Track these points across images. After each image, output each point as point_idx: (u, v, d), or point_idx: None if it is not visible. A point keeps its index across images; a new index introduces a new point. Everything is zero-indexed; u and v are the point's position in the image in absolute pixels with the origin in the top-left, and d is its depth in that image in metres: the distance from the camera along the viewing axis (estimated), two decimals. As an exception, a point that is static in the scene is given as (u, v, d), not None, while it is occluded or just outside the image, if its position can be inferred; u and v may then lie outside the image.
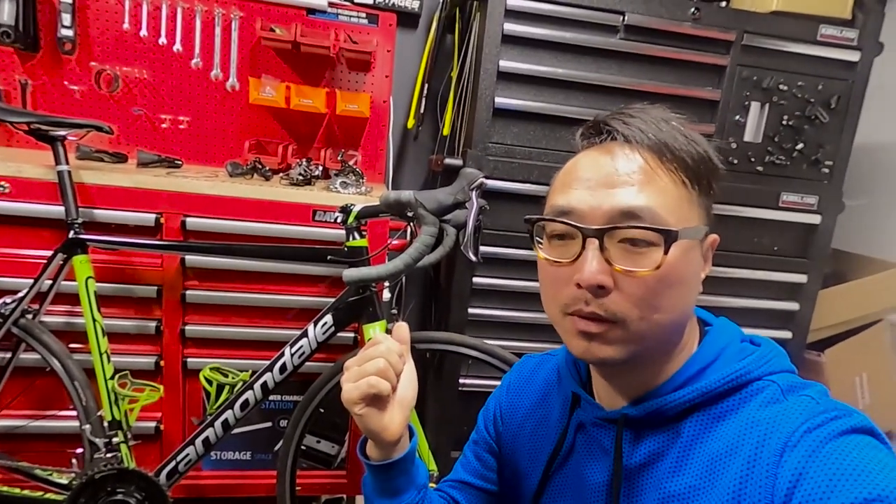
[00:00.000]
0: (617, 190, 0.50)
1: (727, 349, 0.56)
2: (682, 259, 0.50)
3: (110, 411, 1.25)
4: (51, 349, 1.25)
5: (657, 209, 0.49)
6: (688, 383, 0.54)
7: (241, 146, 1.72)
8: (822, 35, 1.61)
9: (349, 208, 1.17)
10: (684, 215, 0.51)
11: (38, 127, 1.23)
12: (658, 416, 0.54)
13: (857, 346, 1.94)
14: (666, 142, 0.52)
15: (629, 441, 0.56)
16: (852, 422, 0.46)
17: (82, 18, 1.60)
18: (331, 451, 1.55)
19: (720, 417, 0.52)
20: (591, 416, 0.60)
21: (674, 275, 0.50)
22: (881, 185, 2.09)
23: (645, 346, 0.52)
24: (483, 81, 1.54)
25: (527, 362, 0.77)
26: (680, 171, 0.52)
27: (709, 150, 0.54)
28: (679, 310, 0.52)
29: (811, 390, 0.51)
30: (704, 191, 0.54)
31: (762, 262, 1.74)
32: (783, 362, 0.55)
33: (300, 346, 1.21)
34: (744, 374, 0.52)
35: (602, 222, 0.50)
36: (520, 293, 1.64)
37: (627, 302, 0.50)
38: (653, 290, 0.49)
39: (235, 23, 1.66)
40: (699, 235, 0.53)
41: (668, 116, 0.55)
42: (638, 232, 0.49)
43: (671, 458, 0.53)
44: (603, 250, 0.50)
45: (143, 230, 1.32)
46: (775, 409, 0.49)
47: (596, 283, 0.50)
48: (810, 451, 0.44)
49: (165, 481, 1.25)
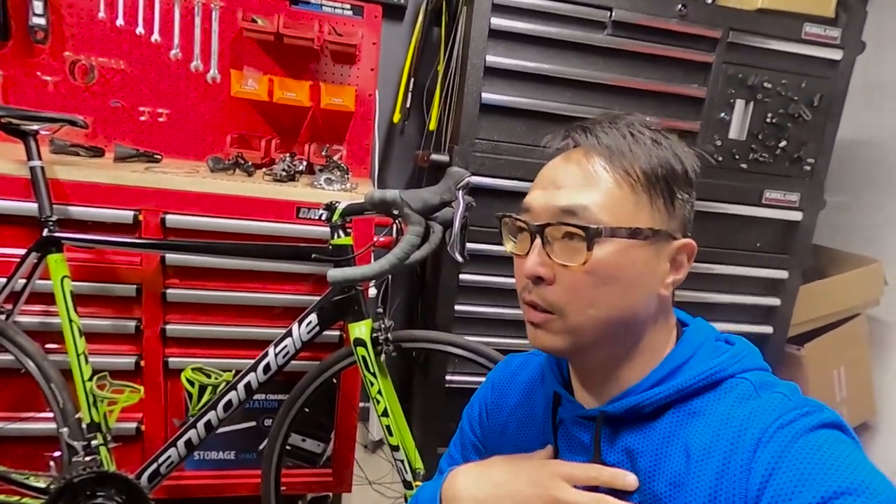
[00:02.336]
0: (562, 190, 0.54)
1: (702, 348, 0.57)
2: (616, 257, 0.52)
3: (89, 413, 1.22)
4: (25, 350, 1.21)
5: (593, 208, 0.52)
6: (663, 381, 0.55)
7: (222, 140, 1.68)
8: (807, 33, 1.62)
9: (334, 206, 1.15)
10: (624, 216, 0.52)
11: (8, 121, 1.18)
12: (635, 414, 0.56)
13: (835, 341, 1.98)
14: (619, 147, 0.54)
15: (607, 438, 0.58)
16: (822, 417, 0.48)
17: (55, 6, 1.54)
18: (316, 450, 1.54)
19: (695, 413, 0.53)
20: (571, 413, 0.61)
21: (605, 272, 0.52)
22: (861, 182, 2.13)
23: (585, 339, 0.55)
24: (470, 77, 1.53)
25: (511, 361, 0.78)
26: (630, 176, 0.53)
27: (675, 157, 0.55)
28: (617, 307, 0.54)
29: (783, 387, 0.53)
30: (660, 195, 0.54)
31: (745, 258, 1.76)
32: (756, 360, 0.57)
33: (284, 345, 1.19)
34: (717, 371, 0.54)
35: (546, 219, 0.54)
36: (507, 290, 1.64)
37: (563, 294, 0.54)
38: (584, 284, 0.53)
39: (216, 12, 1.61)
40: (644, 237, 0.53)
41: (633, 122, 0.56)
42: (569, 228, 0.53)
43: (649, 455, 0.54)
44: (546, 245, 0.54)
45: (121, 227, 1.29)
46: (749, 405, 0.51)
47: (534, 274, 0.54)
48: (782, 446, 0.46)
49: (147, 484, 1.23)
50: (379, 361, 1.16)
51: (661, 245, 0.55)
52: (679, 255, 0.56)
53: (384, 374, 1.17)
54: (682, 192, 0.56)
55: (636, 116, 0.58)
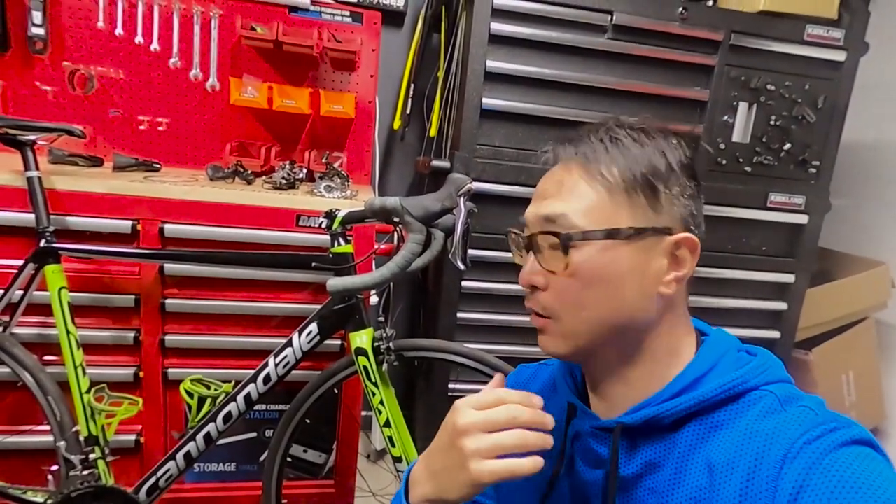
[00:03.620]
0: (546, 201, 0.56)
1: (723, 358, 0.56)
2: (596, 258, 0.53)
3: (86, 426, 1.20)
4: (22, 363, 1.20)
5: (570, 214, 0.54)
6: (684, 392, 0.54)
7: (221, 148, 1.67)
8: (809, 35, 1.61)
9: (334, 213, 1.13)
10: (602, 218, 0.53)
11: (5, 131, 1.17)
12: (654, 425, 0.54)
13: (843, 345, 1.96)
14: (594, 154, 0.55)
15: (625, 450, 0.56)
16: (851, 433, 0.46)
17: (54, 16, 1.54)
18: (318, 461, 1.52)
19: (718, 426, 0.52)
20: (587, 425, 0.60)
21: (587, 274, 0.53)
22: (867, 184, 2.11)
23: (584, 342, 0.55)
24: (470, 82, 1.52)
25: (522, 372, 0.77)
26: (605, 178, 0.54)
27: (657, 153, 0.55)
28: (607, 308, 0.54)
29: (809, 401, 0.51)
30: (641, 193, 0.54)
31: (750, 262, 1.74)
32: (780, 372, 0.55)
33: (285, 355, 1.17)
34: (740, 383, 0.52)
35: (534, 230, 0.57)
36: (509, 297, 1.62)
37: (556, 299, 0.55)
38: (571, 288, 0.54)
39: (215, 21, 1.61)
40: (625, 236, 0.53)
41: (612, 127, 0.57)
42: (548, 236, 0.55)
43: (669, 468, 0.53)
44: (538, 253, 0.56)
45: (120, 237, 1.27)
46: (774, 419, 0.49)
47: (528, 283, 0.57)
48: (810, 462, 0.44)
49: (146, 498, 1.21)
50: (381, 371, 1.14)
51: (649, 243, 0.54)
52: (678, 251, 0.55)
53: (386, 384, 1.15)
54: (671, 187, 0.55)
55: (621, 119, 0.58)
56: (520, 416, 0.51)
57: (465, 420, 0.51)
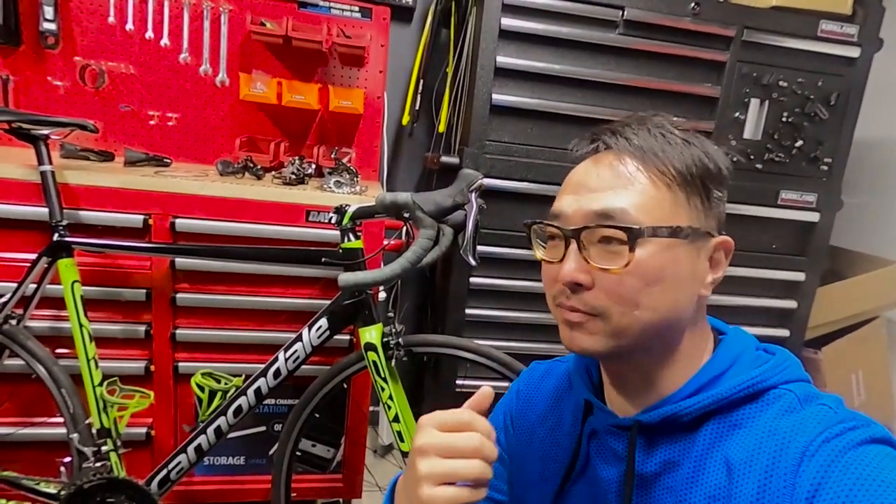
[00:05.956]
0: (596, 194, 0.53)
1: (742, 357, 0.56)
2: (659, 257, 0.51)
3: (99, 419, 1.21)
4: (36, 355, 1.21)
5: (630, 209, 0.51)
6: (702, 390, 0.54)
7: (231, 143, 1.68)
8: (823, 31, 1.59)
9: (344, 209, 1.13)
10: (663, 216, 0.52)
11: (19, 126, 1.18)
12: (672, 424, 0.54)
13: (853, 343, 1.94)
14: (651, 148, 0.53)
15: (643, 448, 0.56)
16: (871, 432, 0.46)
17: (65, 11, 1.55)
18: (326, 455, 1.53)
19: (737, 425, 0.52)
20: (604, 423, 0.59)
21: (649, 272, 0.51)
22: (879, 182, 2.09)
23: (628, 342, 0.53)
24: (480, 78, 1.51)
25: (536, 369, 0.76)
26: (665, 175, 0.52)
27: (707, 155, 0.55)
28: (664, 307, 0.52)
29: (828, 399, 0.51)
30: (696, 193, 0.54)
31: (761, 260, 1.73)
32: (798, 371, 0.55)
33: (294, 350, 1.18)
34: (759, 381, 0.52)
35: (580, 224, 0.53)
36: (518, 293, 1.62)
37: (606, 298, 0.52)
38: (629, 286, 0.51)
39: (225, 16, 1.61)
40: (685, 235, 0.52)
41: (662, 123, 0.56)
42: (608, 230, 0.51)
43: (688, 466, 0.53)
44: (583, 249, 0.53)
45: (131, 232, 1.28)
46: (793, 418, 0.49)
47: (572, 281, 0.53)
48: (829, 460, 0.44)
49: (157, 490, 1.22)
50: (390, 366, 1.15)
51: (700, 243, 0.54)
52: (716, 253, 0.56)
53: (395, 379, 1.15)
54: (717, 190, 0.55)
55: (663, 117, 0.57)
56: (483, 449, 0.48)
57: (424, 441, 0.49)
